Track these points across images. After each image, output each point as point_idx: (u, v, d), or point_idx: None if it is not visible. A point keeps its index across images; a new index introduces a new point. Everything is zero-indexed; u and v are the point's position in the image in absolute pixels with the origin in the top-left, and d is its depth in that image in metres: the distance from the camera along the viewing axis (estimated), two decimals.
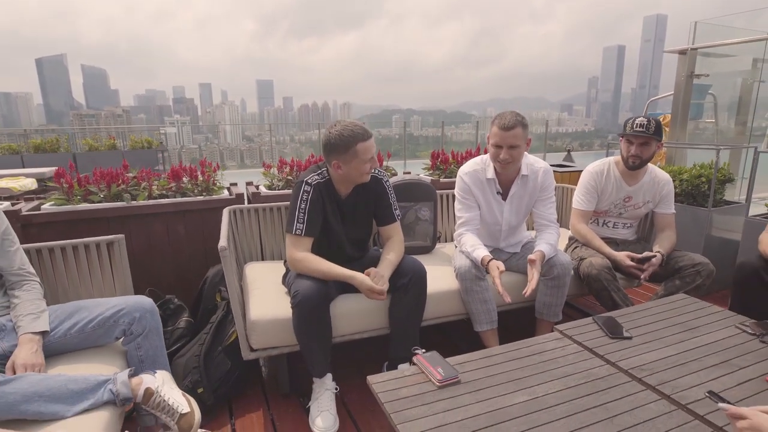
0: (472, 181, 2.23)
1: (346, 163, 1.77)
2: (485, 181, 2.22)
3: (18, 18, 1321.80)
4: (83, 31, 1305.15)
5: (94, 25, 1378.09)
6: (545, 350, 1.50)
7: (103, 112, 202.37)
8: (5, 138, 9.36)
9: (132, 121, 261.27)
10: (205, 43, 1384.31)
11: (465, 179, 2.24)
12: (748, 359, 1.42)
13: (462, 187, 2.25)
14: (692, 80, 3.77)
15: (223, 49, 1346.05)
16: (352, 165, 1.77)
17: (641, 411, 1.18)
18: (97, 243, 1.87)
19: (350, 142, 1.73)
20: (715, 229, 2.97)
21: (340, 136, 1.73)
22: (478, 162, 2.26)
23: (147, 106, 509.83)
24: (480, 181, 2.23)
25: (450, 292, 2.10)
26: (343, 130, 1.73)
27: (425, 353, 1.42)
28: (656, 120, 2.21)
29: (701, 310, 1.78)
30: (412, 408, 1.20)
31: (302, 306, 1.67)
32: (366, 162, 1.77)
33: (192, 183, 2.58)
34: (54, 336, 1.52)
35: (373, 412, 1.89)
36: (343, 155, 1.75)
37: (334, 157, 1.77)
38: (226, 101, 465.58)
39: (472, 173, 2.23)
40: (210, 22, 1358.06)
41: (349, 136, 1.73)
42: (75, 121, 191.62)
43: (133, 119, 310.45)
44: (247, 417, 1.90)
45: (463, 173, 2.26)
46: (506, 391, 1.27)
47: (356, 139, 1.73)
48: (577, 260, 2.28)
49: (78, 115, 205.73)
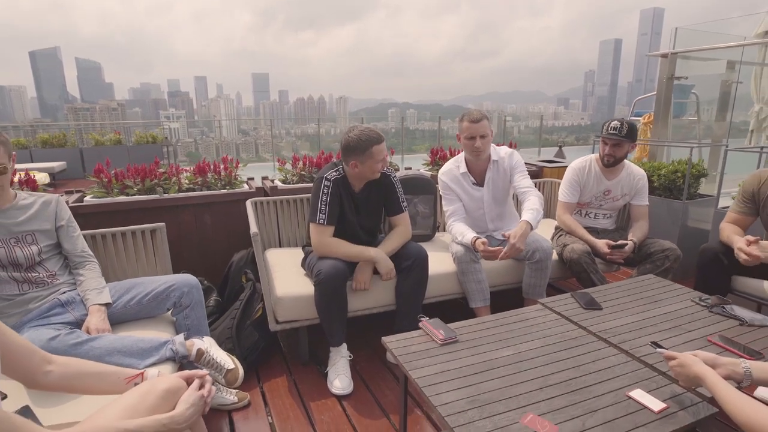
0: (449, 179, 2.57)
1: (362, 163, 2.05)
2: (460, 176, 2.55)
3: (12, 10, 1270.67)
4: (78, 23, 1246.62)
5: (88, 18, 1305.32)
6: (529, 318, 1.79)
7: (97, 106, 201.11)
8: (12, 132, 9.55)
9: (127, 114, 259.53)
10: (200, 36, 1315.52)
11: (443, 178, 2.59)
12: (696, 325, 1.72)
13: (442, 185, 2.60)
14: (672, 82, 4.05)
15: (219, 42, 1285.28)
16: (367, 165, 2.06)
17: (603, 361, 1.48)
18: (142, 230, 2.15)
19: (367, 146, 2.01)
20: (690, 219, 3.27)
21: (359, 140, 2.01)
22: (451, 162, 2.62)
23: (142, 100, 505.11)
24: (456, 177, 2.56)
25: (448, 274, 2.40)
26: (360, 135, 2.01)
27: (429, 320, 1.71)
28: (629, 123, 2.50)
29: (664, 288, 2.08)
30: (420, 360, 1.49)
31: (324, 284, 1.96)
32: (378, 162, 2.06)
33: (215, 178, 2.85)
34: (115, 307, 1.80)
35: (382, 377, 2.19)
36: (360, 156, 2.03)
37: (352, 158, 2.05)
38: (222, 95, 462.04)
39: (448, 172, 2.58)
40: (206, 14, 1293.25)
41: (366, 140, 2.01)
42: (70, 114, 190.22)
43: (128, 113, 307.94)
44: (272, 381, 2.19)
45: (441, 174, 2.61)
46: (495, 347, 1.57)
47: (372, 142, 2.02)
48: (561, 246, 2.58)
49: (72, 108, 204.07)
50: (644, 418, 1.21)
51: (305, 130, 47.81)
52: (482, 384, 1.36)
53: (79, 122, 28.00)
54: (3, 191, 1.70)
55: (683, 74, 4.39)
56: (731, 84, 4.61)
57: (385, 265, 2.11)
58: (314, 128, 39.92)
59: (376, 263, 2.11)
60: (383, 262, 2.11)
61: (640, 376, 1.40)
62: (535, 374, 1.41)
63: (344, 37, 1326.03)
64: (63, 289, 1.79)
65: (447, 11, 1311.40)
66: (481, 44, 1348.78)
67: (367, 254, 2.11)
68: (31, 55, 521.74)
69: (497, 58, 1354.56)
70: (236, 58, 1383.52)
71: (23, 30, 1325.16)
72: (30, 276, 1.73)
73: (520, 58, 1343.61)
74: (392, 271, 2.12)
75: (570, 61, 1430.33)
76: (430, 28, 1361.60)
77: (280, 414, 1.96)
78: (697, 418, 1.20)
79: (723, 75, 4.62)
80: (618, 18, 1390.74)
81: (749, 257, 2.02)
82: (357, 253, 2.11)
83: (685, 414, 1.22)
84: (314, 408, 1.99)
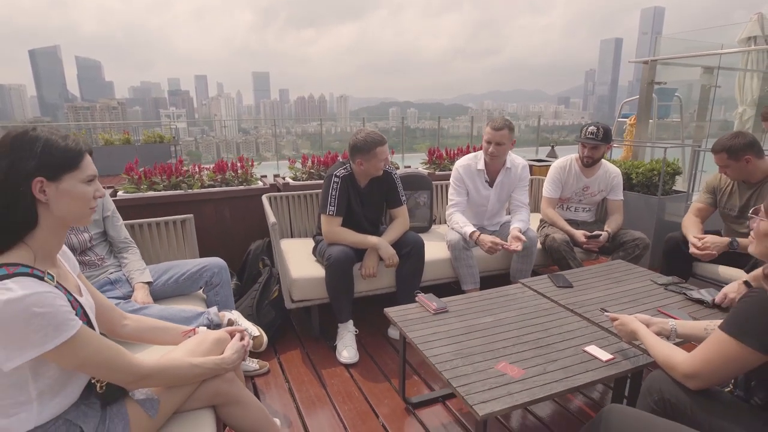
0: (465, 172, 2.83)
1: (367, 161, 2.36)
2: (476, 171, 2.83)
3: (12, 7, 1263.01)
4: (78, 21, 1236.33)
5: (89, 15, 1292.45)
6: (509, 294, 2.10)
7: (98, 105, 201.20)
8: None
9: (127, 113, 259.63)
10: (201, 35, 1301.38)
11: (459, 170, 2.85)
12: (651, 299, 2.03)
13: (456, 176, 2.86)
14: (652, 87, 4.36)
15: (220, 41, 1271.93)
16: (371, 163, 2.36)
17: (567, 326, 1.79)
18: (173, 220, 2.46)
19: (371, 146, 2.32)
20: (665, 213, 3.57)
21: (365, 142, 2.32)
22: (471, 157, 2.88)
23: (142, 98, 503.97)
24: (471, 172, 2.83)
25: (443, 260, 2.70)
26: (366, 137, 2.33)
27: (424, 294, 2.02)
28: (604, 127, 2.80)
29: (629, 270, 2.39)
30: (415, 325, 1.80)
31: (334, 266, 2.27)
32: (381, 161, 2.37)
33: (232, 175, 3.15)
34: (156, 285, 2.11)
35: (383, 350, 2.50)
36: (365, 155, 2.34)
37: (358, 157, 2.36)
38: (222, 93, 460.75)
39: (466, 166, 2.85)
40: (207, 12, 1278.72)
41: (371, 141, 2.32)
42: (70, 113, 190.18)
43: (129, 112, 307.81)
44: (288, 353, 2.50)
45: (458, 165, 2.86)
46: (478, 316, 1.88)
47: (375, 144, 2.33)
48: (544, 236, 2.88)
49: (73, 107, 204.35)
50: (594, 365, 1.52)
51: (306, 129, 48.02)
52: (466, 342, 1.67)
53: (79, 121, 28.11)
54: None
55: (666, 79, 4.71)
56: (710, 88, 4.91)
57: (387, 251, 2.41)
58: (314, 127, 39.99)
59: (379, 250, 2.41)
60: (385, 249, 2.41)
61: (595, 336, 1.71)
62: (509, 335, 1.72)
63: (346, 35, 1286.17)
64: (111, 270, 2.10)
65: (449, 9, 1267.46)
66: (482, 42, 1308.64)
67: (370, 241, 2.42)
68: (31, 54, 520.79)
69: (498, 56, 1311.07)
70: (237, 57, 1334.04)
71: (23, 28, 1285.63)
72: (84, 259, 2.04)
73: (522, 57, 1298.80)
74: (394, 257, 2.41)
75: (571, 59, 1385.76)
76: (432, 26, 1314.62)
77: (296, 379, 2.27)
78: (635, 366, 1.51)
79: (702, 80, 4.92)
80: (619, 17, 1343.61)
81: (701, 255, 2.33)
82: (361, 240, 2.42)
83: (627, 362, 1.53)
84: (326, 375, 2.29)
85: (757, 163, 2.31)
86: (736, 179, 2.45)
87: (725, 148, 2.31)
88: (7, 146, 1.00)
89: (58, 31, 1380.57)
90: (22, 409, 1.03)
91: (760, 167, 2.33)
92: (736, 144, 2.28)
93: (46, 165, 1.01)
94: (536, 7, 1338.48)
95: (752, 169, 2.32)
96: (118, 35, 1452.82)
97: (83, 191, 1.08)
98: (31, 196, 1.01)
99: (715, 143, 2.40)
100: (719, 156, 2.35)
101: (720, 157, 2.35)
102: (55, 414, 1.08)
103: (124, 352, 1.13)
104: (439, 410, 2.00)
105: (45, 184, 1.02)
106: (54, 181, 1.03)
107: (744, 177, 2.38)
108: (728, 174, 2.41)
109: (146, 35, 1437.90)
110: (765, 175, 2.35)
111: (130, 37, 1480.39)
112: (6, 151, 0.99)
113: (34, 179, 1.00)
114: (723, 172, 2.43)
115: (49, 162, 1.02)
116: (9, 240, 1.01)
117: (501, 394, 1.36)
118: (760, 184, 2.36)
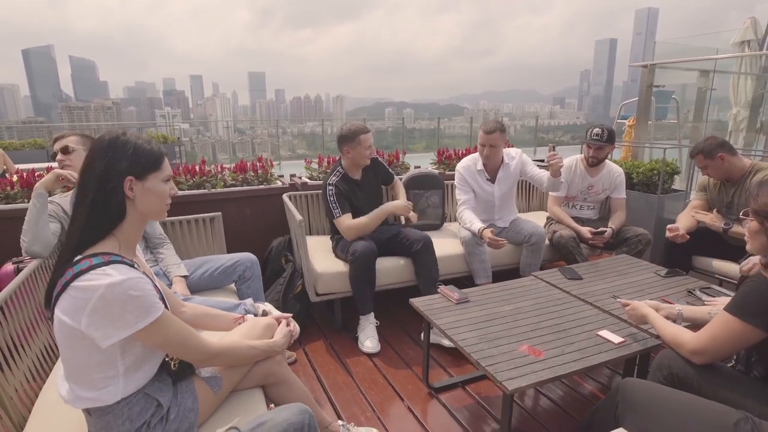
0: (466, 173, 3.01)
1: (353, 149, 2.59)
2: (476, 171, 2.99)
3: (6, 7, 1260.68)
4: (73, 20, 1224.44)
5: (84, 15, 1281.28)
6: (524, 285, 2.25)
7: (92, 105, 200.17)
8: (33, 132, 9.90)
9: (122, 113, 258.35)
10: (197, 35, 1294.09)
11: (461, 171, 3.02)
12: (654, 289, 2.18)
13: (459, 177, 3.03)
14: (651, 90, 4.53)
15: (217, 41, 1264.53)
16: (357, 150, 2.59)
17: (580, 313, 1.94)
18: (203, 218, 2.60)
19: (356, 134, 2.57)
20: (665, 211, 3.73)
21: (349, 131, 2.58)
22: (470, 159, 3.06)
23: (137, 99, 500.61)
24: (472, 172, 3.00)
25: (456, 256, 2.85)
26: (351, 127, 2.60)
27: (446, 286, 2.16)
28: (609, 129, 2.96)
29: (633, 264, 2.55)
30: (440, 313, 1.95)
31: (359, 261, 2.42)
32: (366, 149, 2.60)
33: (252, 175, 3.28)
34: (192, 279, 2.24)
35: (403, 341, 2.64)
36: (351, 143, 2.58)
37: (345, 145, 2.60)
38: (218, 93, 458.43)
39: (466, 167, 3.02)
40: (203, 12, 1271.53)
41: (355, 130, 2.58)
42: (64, 113, 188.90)
43: (123, 112, 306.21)
44: (312, 344, 2.64)
45: (459, 167, 3.04)
46: (498, 305, 2.03)
47: (359, 132, 2.58)
48: (551, 233, 3.04)
49: (67, 107, 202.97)
50: (607, 347, 1.67)
51: (302, 129, 47.84)
52: (489, 328, 1.82)
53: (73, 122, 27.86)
54: None
55: (664, 82, 4.88)
56: (706, 91, 5.08)
57: (397, 206, 2.66)
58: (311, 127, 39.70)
59: (394, 208, 2.65)
60: (396, 203, 2.67)
61: (607, 322, 1.86)
62: (528, 322, 1.87)
63: (343, 35, 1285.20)
64: (149, 265, 2.23)
65: (447, 9, 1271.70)
66: (479, 42, 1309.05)
67: (384, 209, 2.64)
68: (24, 53, 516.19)
69: (495, 56, 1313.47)
70: (233, 57, 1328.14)
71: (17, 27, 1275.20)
72: None
73: (518, 57, 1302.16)
74: (408, 205, 2.67)
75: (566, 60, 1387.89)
76: (429, 26, 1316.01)
77: (323, 367, 2.40)
78: (644, 347, 1.67)
79: (699, 82, 5.10)
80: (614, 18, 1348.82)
81: (672, 236, 2.54)
82: (376, 214, 2.62)
83: (636, 344, 1.68)
84: (350, 363, 2.43)
85: (732, 161, 2.52)
86: (719, 178, 2.65)
87: (700, 151, 2.56)
88: (104, 148, 1.13)
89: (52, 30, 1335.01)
90: (110, 383, 1.17)
91: (736, 164, 2.54)
92: (708, 145, 2.53)
93: (136, 165, 1.15)
94: (534, 7, 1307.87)
95: (728, 167, 2.53)
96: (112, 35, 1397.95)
97: (162, 189, 1.22)
98: (122, 192, 1.15)
99: (691, 149, 2.66)
100: (697, 158, 2.60)
101: (698, 159, 2.60)
102: (137, 388, 1.21)
103: (197, 333, 1.26)
104: (460, 394, 2.15)
105: (133, 183, 1.15)
106: (141, 179, 1.16)
107: (725, 175, 2.59)
108: (710, 174, 2.64)
109: (141, 35, 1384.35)
110: (742, 173, 2.55)
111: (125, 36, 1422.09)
112: (103, 153, 1.13)
113: (126, 178, 1.14)
114: (705, 173, 2.66)
115: (137, 163, 1.15)
116: (102, 231, 1.15)
117: (526, 372, 1.51)
118: (741, 181, 2.56)
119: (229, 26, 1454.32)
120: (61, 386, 1.22)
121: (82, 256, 1.11)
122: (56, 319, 1.10)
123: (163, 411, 1.23)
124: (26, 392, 1.47)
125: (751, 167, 2.54)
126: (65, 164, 2.04)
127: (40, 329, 1.67)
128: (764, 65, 5.72)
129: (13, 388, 1.39)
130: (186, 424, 1.27)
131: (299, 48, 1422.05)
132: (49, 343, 1.71)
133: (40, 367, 1.60)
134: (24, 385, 1.47)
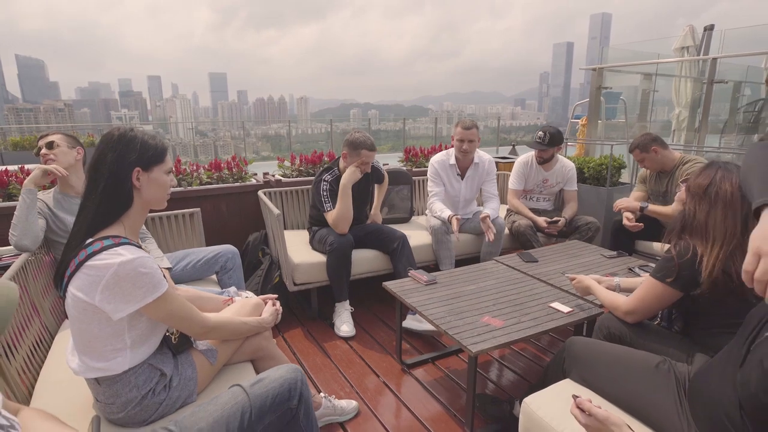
0: (440, 167, 3.21)
1: (350, 156, 2.71)
2: (449, 166, 3.20)
3: None
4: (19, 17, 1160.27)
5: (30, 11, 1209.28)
6: (486, 268, 2.48)
7: (42, 106, 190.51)
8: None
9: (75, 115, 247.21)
10: (155, 33, 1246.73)
11: (435, 165, 3.22)
12: (601, 268, 2.45)
13: (432, 170, 3.23)
14: (600, 92, 4.90)
15: (176, 40, 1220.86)
16: (352, 159, 2.70)
17: (535, 290, 2.18)
18: (183, 214, 2.70)
19: (359, 147, 2.66)
20: (613, 202, 4.06)
21: (356, 140, 2.66)
22: (444, 154, 3.26)
23: (91, 100, 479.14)
24: (445, 166, 3.21)
25: (424, 245, 3.06)
26: (360, 137, 2.67)
27: (415, 270, 2.36)
28: (552, 133, 3.25)
29: (583, 248, 2.82)
30: (411, 293, 2.14)
31: (336, 251, 2.59)
32: (363, 164, 2.69)
33: (227, 174, 3.39)
34: (175, 271, 2.35)
35: (377, 325, 2.83)
36: (351, 151, 2.69)
37: (347, 149, 2.71)
38: (177, 94, 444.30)
39: (440, 161, 3.23)
40: (161, 10, 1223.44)
41: (361, 142, 2.66)
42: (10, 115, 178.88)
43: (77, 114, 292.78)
44: (290, 332, 2.78)
45: (434, 161, 3.24)
46: (463, 285, 2.24)
47: (363, 146, 2.67)
48: (511, 223, 3.29)
49: (13, 108, 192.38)
50: (558, 316, 1.91)
51: (266, 131, 47.14)
52: (455, 304, 2.02)
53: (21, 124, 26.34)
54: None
55: (612, 85, 5.26)
56: (649, 92, 5.51)
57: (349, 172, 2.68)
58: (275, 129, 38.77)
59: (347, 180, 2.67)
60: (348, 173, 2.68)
61: (558, 296, 2.10)
62: (489, 298, 2.09)
63: (308, 36, 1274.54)
64: None
65: (411, 11, 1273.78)
66: (443, 45, 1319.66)
67: (344, 188, 2.66)
68: None
69: (458, 59, 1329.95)
70: (193, 57, 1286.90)
71: None
72: None
73: (480, 59, 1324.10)
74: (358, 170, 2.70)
75: (526, 62, 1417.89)
76: (394, 28, 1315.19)
77: (302, 351, 2.56)
78: (589, 315, 1.91)
79: (642, 85, 5.53)
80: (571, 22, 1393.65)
81: (630, 226, 2.89)
82: (341, 195, 2.65)
83: (582, 313, 1.93)
84: (327, 347, 2.60)
85: (664, 153, 2.89)
86: (654, 170, 3.02)
87: (636, 146, 2.95)
88: (115, 142, 1.26)
89: None
90: (118, 354, 1.29)
91: (669, 156, 2.91)
92: (643, 141, 2.92)
93: (143, 158, 1.29)
94: (495, 10, 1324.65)
95: (662, 159, 2.90)
96: (63, 32, 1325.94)
97: (165, 180, 1.35)
98: (131, 182, 1.28)
99: (629, 145, 3.04)
100: (634, 153, 2.98)
101: (635, 153, 2.97)
102: (142, 359, 1.34)
103: (196, 309, 1.40)
104: (431, 369, 2.35)
105: (140, 173, 1.29)
106: (147, 171, 1.30)
107: (659, 167, 2.95)
108: (647, 166, 3.00)
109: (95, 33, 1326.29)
110: (674, 164, 2.91)
111: (76, 34, 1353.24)
112: (113, 146, 1.26)
113: (134, 169, 1.27)
114: (642, 165, 3.04)
115: (144, 155, 1.29)
116: (112, 217, 1.28)
117: (487, 338, 1.72)
118: (672, 171, 2.92)
119: (189, 25, 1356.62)
120: (71, 360, 1.33)
121: (94, 239, 1.23)
122: (70, 295, 1.22)
123: (166, 380, 1.37)
124: (26, 372, 1.57)
125: (681, 159, 2.87)
126: (49, 158, 2.12)
127: (32, 321, 1.76)
128: (701, 69, 6.24)
129: (15, 370, 1.48)
130: (186, 392, 1.41)
131: (263, 48, 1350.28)
132: (41, 334, 1.79)
133: (32, 355, 1.69)
134: (23, 368, 1.57)
